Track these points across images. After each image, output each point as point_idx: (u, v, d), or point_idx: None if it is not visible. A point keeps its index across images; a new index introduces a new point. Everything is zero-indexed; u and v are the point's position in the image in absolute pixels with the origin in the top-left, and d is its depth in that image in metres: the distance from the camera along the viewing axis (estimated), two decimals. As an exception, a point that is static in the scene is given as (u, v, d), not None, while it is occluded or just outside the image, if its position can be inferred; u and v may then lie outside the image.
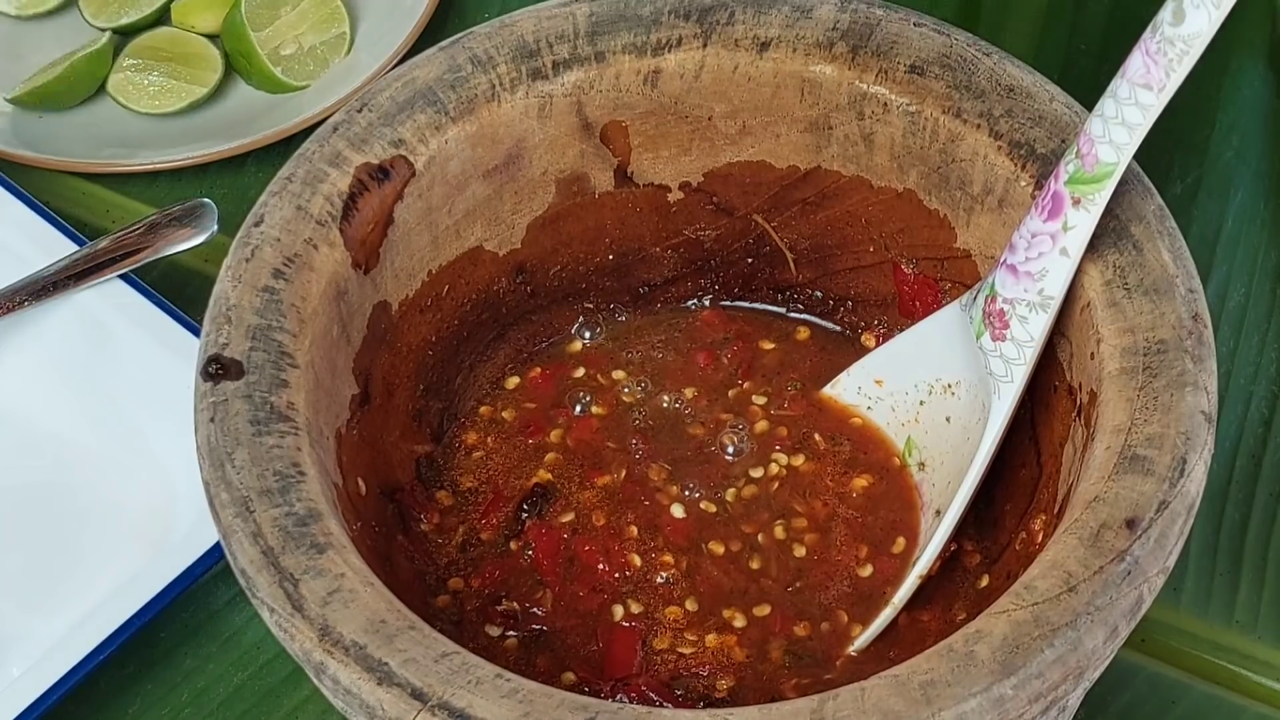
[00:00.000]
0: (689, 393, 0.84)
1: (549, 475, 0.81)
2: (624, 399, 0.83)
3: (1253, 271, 0.96)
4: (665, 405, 0.83)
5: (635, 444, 0.82)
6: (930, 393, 0.79)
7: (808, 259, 0.85)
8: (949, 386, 0.78)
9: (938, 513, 0.77)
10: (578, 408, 0.83)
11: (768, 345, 0.85)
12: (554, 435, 0.83)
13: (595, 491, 0.81)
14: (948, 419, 0.79)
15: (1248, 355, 0.93)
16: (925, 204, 0.80)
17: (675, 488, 0.81)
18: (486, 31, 0.79)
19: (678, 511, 0.80)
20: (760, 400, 0.83)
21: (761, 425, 0.83)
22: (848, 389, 0.82)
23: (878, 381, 0.81)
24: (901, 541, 0.79)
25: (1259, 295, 0.95)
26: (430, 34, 1.04)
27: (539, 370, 0.85)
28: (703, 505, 0.80)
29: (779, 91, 0.79)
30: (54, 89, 1.02)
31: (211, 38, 1.06)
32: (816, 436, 0.82)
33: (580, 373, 0.84)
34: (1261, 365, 0.93)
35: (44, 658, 0.80)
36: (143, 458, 0.88)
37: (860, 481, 0.81)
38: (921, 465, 0.80)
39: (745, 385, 0.84)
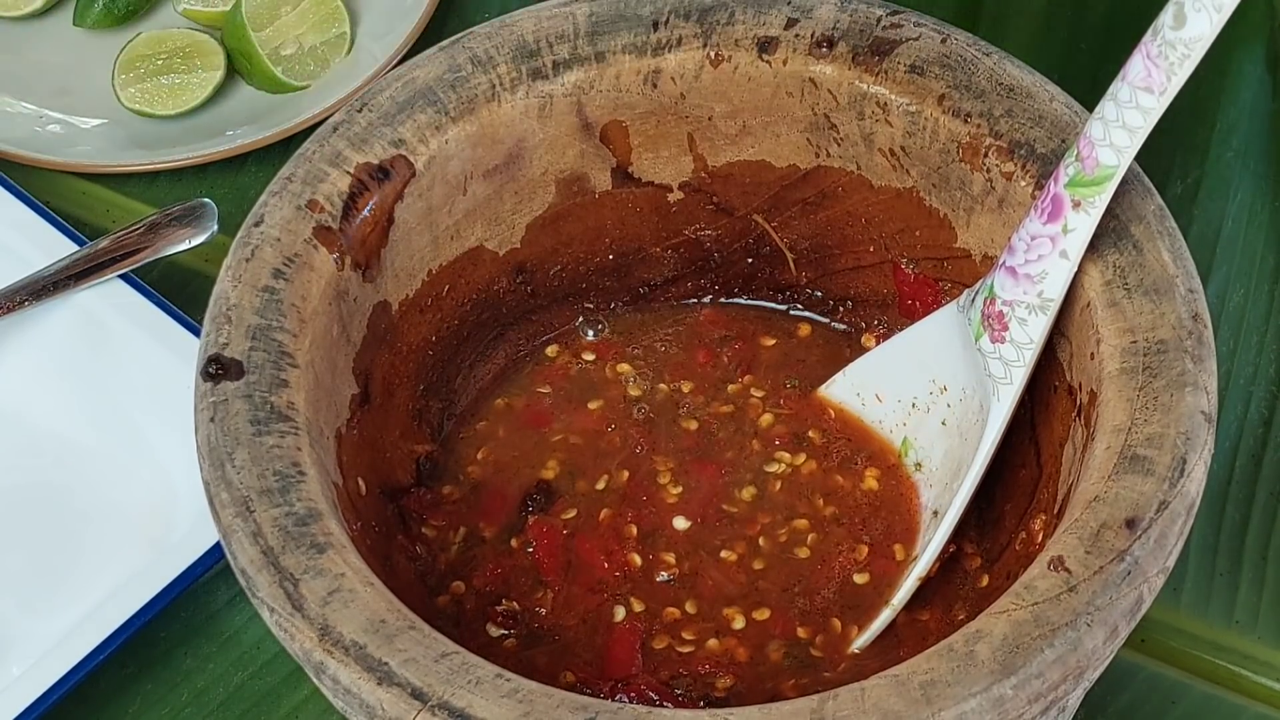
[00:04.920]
0: (687, 388, 0.84)
1: (554, 471, 0.81)
2: (630, 392, 0.84)
3: (1252, 272, 0.96)
4: (665, 401, 0.83)
5: (637, 440, 0.82)
6: (927, 394, 0.79)
7: (808, 259, 0.85)
8: (945, 388, 0.78)
9: (936, 513, 0.77)
10: (579, 401, 0.83)
11: (768, 342, 0.85)
12: (558, 430, 0.83)
13: (597, 490, 0.81)
14: (944, 420, 0.79)
15: (1247, 356, 0.93)
16: (925, 204, 0.80)
17: (676, 487, 0.81)
18: (486, 31, 0.79)
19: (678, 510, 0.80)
20: (758, 397, 0.83)
21: (760, 423, 0.83)
22: (844, 389, 0.82)
23: (874, 382, 0.81)
24: (900, 542, 0.79)
25: (1258, 296, 0.95)
26: (430, 34, 1.03)
27: (544, 363, 0.85)
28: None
29: (779, 91, 0.79)
30: None
31: (214, 35, 1.06)
32: (813, 435, 0.82)
33: (590, 357, 0.84)
34: (1261, 365, 0.93)
35: (44, 658, 0.80)
36: (143, 458, 0.88)
37: (858, 481, 0.81)
38: (918, 466, 0.80)
39: (744, 381, 0.84)
